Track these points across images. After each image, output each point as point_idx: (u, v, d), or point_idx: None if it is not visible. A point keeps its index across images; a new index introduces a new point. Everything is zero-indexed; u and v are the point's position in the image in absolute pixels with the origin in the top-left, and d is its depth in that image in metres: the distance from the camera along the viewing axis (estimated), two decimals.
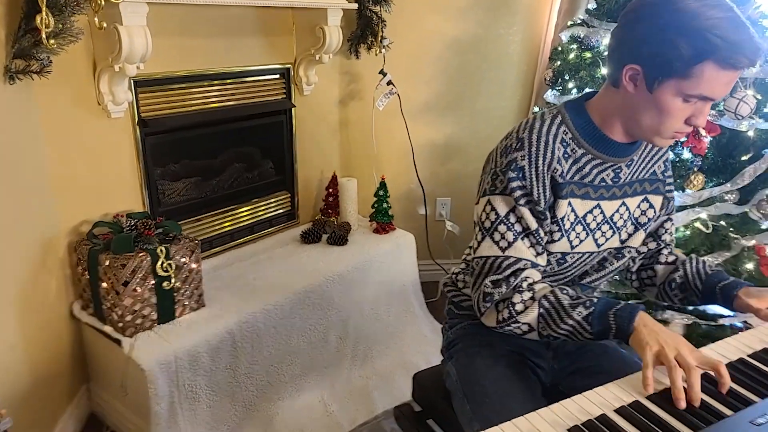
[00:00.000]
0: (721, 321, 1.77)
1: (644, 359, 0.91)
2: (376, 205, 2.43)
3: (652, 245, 1.28)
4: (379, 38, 2.33)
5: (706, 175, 1.77)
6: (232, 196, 2.24)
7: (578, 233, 1.12)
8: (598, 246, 1.16)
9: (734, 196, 1.80)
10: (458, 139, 2.73)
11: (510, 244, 1.06)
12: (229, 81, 2.08)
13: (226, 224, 2.22)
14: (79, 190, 1.74)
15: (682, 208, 1.78)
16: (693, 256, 1.26)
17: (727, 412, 0.86)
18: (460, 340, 1.28)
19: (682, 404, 0.85)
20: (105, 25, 1.51)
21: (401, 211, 2.73)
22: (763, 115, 1.74)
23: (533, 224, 1.06)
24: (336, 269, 2.15)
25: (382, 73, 2.38)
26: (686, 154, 1.77)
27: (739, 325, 1.84)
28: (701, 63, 0.91)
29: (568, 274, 1.18)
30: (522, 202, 1.06)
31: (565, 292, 1.04)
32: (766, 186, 1.78)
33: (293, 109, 2.32)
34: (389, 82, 2.37)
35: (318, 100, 2.43)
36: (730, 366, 0.98)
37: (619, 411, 0.87)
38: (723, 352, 1.03)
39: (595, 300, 1.00)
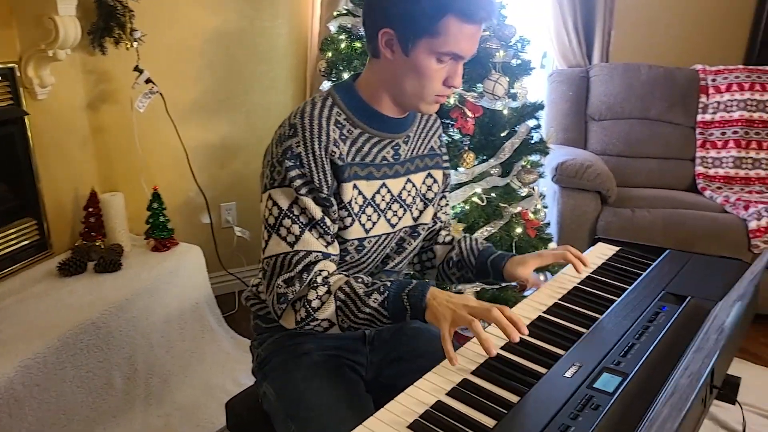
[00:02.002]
0: (503, 284, 1.95)
1: (441, 332, 0.92)
2: (151, 220, 2.16)
3: (430, 223, 1.30)
4: (128, 30, 2.04)
5: (475, 153, 1.92)
6: None
7: (369, 216, 1.10)
8: (393, 226, 1.15)
9: (498, 169, 1.99)
10: (236, 138, 2.57)
11: (298, 238, 1.00)
12: None
13: None
14: None
15: (459, 185, 1.91)
16: (466, 234, 1.32)
17: (542, 370, 0.90)
18: (273, 356, 1.17)
19: (494, 351, 0.88)
20: None
21: (182, 223, 2.47)
22: (512, 95, 1.96)
23: (318, 214, 1.01)
24: (111, 300, 1.84)
25: (138, 70, 2.10)
26: (457, 135, 1.90)
27: (514, 284, 2.05)
28: (444, 18, 0.95)
29: (370, 260, 1.15)
30: (303, 191, 1.00)
31: (360, 280, 1.01)
32: (521, 158, 2.01)
33: (26, 117, 1.90)
34: (148, 80, 2.10)
35: (59, 105, 2.04)
36: (532, 325, 1.05)
37: (451, 393, 0.86)
38: (522, 312, 1.10)
39: (389, 284, 0.99)
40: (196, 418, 1.89)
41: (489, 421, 0.80)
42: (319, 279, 0.99)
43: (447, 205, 1.33)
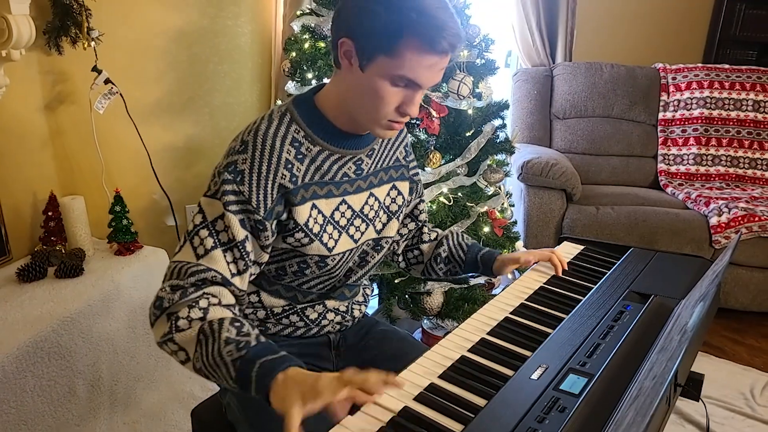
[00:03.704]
0: (472, 282, 1.97)
1: (287, 418, 0.79)
2: (113, 224, 2.09)
3: (412, 226, 1.32)
4: (85, 29, 1.98)
5: (441, 153, 1.93)
6: None
7: (331, 234, 1.07)
8: (356, 242, 1.12)
9: (464, 169, 2.00)
10: (201, 140, 2.52)
11: (207, 252, 0.93)
12: None
13: None
14: None
15: (426, 185, 1.91)
16: (452, 230, 1.34)
17: (509, 372, 0.91)
18: None
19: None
20: None
21: (146, 227, 2.41)
22: (477, 94, 1.97)
23: (240, 235, 0.95)
24: (73, 307, 1.78)
25: (96, 70, 2.04)
26: (423, 135, 1.90)
27: (482, 282, 2.08)
28: (402, 40, 0.89)
29: (334, 275, 1.13)
30: (234, 209, 0.95)
31: (237, 324, 0.87)
32: (487, 157, 2.02)
33: None
34: (107, 81, 2.04)
35: (14, 107, 1.97)
36: (499, 326, 1.06)
37: (418, 398, 0.86)
38: (489, 313, 1.11)
39: (254, 343, 0.85)
40: (163, 425, 1.86)
41: (457, 426, 0.80)
42: (202, 302, 0.90)
43: (425, 204, 1.34)
